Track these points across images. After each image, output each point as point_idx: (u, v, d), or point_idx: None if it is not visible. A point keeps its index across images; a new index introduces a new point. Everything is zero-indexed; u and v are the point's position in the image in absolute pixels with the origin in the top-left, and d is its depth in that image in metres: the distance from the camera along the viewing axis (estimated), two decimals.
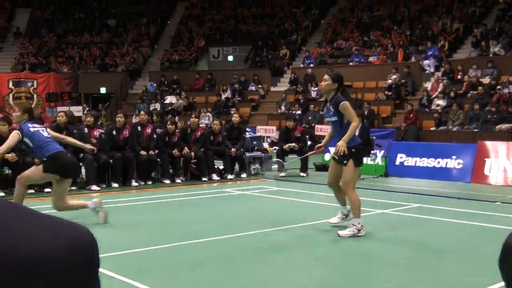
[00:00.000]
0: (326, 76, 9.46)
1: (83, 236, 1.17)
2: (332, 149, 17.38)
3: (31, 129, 9.76)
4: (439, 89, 27.78)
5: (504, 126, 23.64)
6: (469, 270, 7.16)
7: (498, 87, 25.91)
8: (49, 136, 10.02)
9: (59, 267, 1.08)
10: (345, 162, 8.92)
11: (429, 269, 7.27)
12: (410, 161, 17.39)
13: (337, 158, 9.10)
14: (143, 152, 15.37)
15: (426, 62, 30.75)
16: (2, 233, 1.05)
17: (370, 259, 7.81)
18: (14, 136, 9.82)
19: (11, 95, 33.43)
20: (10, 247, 1.04)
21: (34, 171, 10.09)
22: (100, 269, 1.20)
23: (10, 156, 13.25)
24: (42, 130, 10.00)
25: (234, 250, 8.28)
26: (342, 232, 8.96)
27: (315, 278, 6.92)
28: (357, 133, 16.92)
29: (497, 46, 29.17)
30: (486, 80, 27.35)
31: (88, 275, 1.15)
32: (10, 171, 13.94)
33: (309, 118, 28.80)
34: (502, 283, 1.52)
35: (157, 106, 31.97)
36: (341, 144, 8.75)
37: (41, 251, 1.06)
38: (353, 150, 8.91)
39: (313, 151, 11.88)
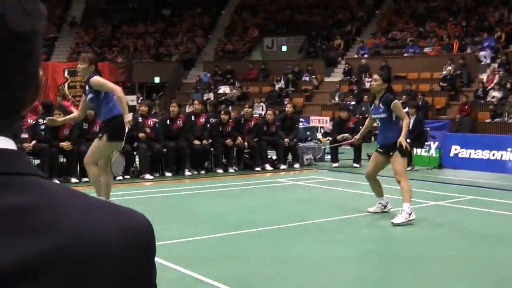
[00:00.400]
0: (376, 76, 10.24)
1: (141, 223, 1.19)
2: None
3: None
4: (495, 81, 27.34)
5: None
6: None
7: None
8: None
9: (121, 251, 1.10)
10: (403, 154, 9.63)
11: (484, 261, 7.22)
12: (465, 153, 17.18)
13: (397, 152, 9.68)
14: (196, 142, 15.48)
15: (482, 53, 30.26)
16: (68, 218, 1.08)
17: (423, 250, 7.78)
18: (83, 100, 9.79)
19: (66, 84, 33.86)
20: (61, 233, 1.06)
21: (95, 146, 9.57)
22: (155, 258, 1.23)
23: (66, 144, 13.47)
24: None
25: (288, 239, 8.31)
26: (395, 220, 9.17)
27: (366, 271, 6.92)
28: (411, 125, 16.84)
29: None
30: None
31: (146, 262, 1.18)
32: (65, 159, 14.15)
33: (363, 108, 28.59)
34: None
35: (211, 96, 32.12)
36: (403, 140, 9.42)
37: (104, 235, 1.09)
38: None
39: (349, 140, 13.56)
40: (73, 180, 13.66)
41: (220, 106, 21.90)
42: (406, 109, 23.03)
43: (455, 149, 17.38)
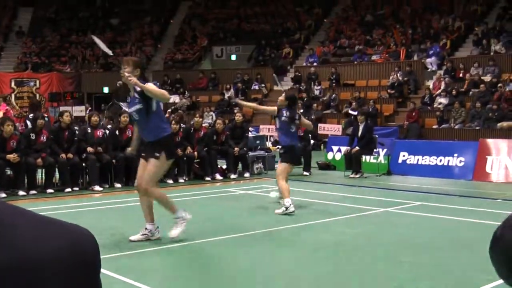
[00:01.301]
0: (281, 97, 11.87)
1: (84, 237, 1.20)
2: (343, 148, 17.65)
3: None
4: (441, 87, 27.81)
5: (505, 123, 23.64)
6: (472, 268, 7.19)
7: (500, 85, 25.93)
8: None
9: (62, 268, 1.11)
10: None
11: (432, 267, 7.31)
12: (413, 159, 17.42)
13: None
14: None
15: (428, 60, 30.71)
16: (11, 236, 1.09)
17: (373, 257, 7.84)
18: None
19: (13, 95, 33.41)
20: (16, 248, 1.07)
21: (156, 166, 8.61)
22: (103, 270, 1.24)
23: (12, 156, 13.27)
24: None
25: (237, 250, 8.32)
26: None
27: (317, 277, 6.95)
28: (359, 132, 17.06)
29: (498, 44, 29.18)
30: (487, 78, 27.36)
31: (90, 276, 1.19)
32: (11, 172, 13.93)
33: (312, 117, 28.78)
34: None
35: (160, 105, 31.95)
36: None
37: (45, 253, 1.09)
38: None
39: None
40: (21, 192, 13.46)
41: (170, 115, 21.83)
42: (356, 113, 23.37)
43: (403, 156, 17.61)
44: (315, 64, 34.29)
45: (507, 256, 1.42)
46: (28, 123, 15.12)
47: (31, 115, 15.37)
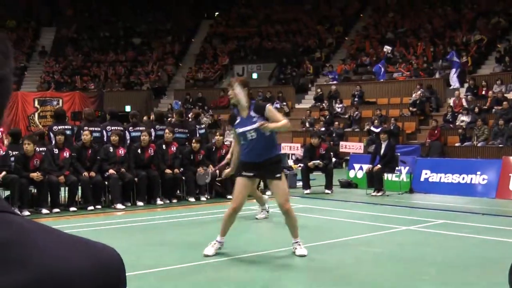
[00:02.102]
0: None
1: (110, 256, 1.21)
2: (365, 166, 17.53)
3: None
4: (463, 105, 27.72)
5: None
6: (493, 286, 7.13)
7: None
8: None
9: (91, 286, 1.13)
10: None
11: (453, 285, 7.26)
12: (435, 177, 17.32)
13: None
14: (168, 171, 15.45)
15: (453, 76, 30.58)
16: (38, 255, 1.10)
17: (394, 275, 7.80)
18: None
19: (36, 114, 33.66)
20: (40, 268, 1.08)
21: (283, 184, 8.77)
22: None
23: (36, 175, 13.36)
24: None
25: (260, 270, 8.30)
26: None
27: None
28: (382, 150, 17.02)
29: None
30: (510, 96, 27.22)
31: None
32: (35, 190, 14.04)
33: (334, 135, 28.77)
34: None
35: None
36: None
37: (71, 271, 1.10)
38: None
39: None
40: (44, 211, 13.54)
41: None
42: (379, 129, 23.30)
43: (426, 174, 17.52)
44: (334, 81, 34.27)
45: None
46: (51, 135, 15.12)
47: (55, 126, 15.37)
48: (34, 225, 1.16)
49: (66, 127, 15.58)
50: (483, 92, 28.55)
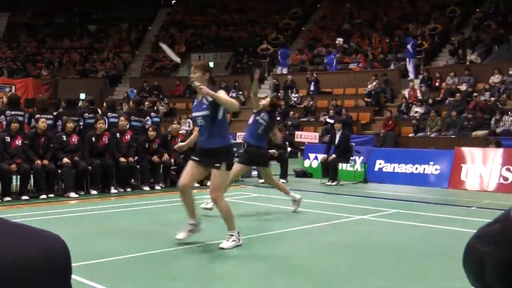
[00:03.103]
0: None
1: (55, 243, 1.19)
2: (320, 156, 17.60)
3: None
4: (417, 96, 28.05)
5: (480, 132, 23.85)
6: (446, 275, 7.21)
7: (475, 94, 26.22)
8: None
9: (34, 274, 1.10)
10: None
11: (408, 274, 7.34)
12: (389, 167, 17.50)
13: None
14: (122, 159, 15.34)
15: (410, 67, 30.98)
16: None
17: (348, 265, 7.85)
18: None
19: None
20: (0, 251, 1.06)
21: (220, 176, 8.58)
22: (77, 277, 1.24)
23: None
24: None
25: (215, 258, 8.29)
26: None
27: (289, 286, 6.95)
28: (336, 140, 17.12)
29: (474, 54, 29.47)
30: (463, 88, 27.61)
31: (61, 281, 1.18)
32: None
33: (289, 124, 28.85)
34: None
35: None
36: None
37: (17, 259, 1.09)
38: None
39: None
40: None
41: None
42: (332, 121, 23.43)
43: (380, 164, 17.68)
44: (292, 71, 34.42)
45: (476, 266, 1.43)
46: (2, 119, 14.89)
47: (8, 111, 15.14)
48: None
49: (19, 113, 15.37)
50: (437, 84, 28.90)
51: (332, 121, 24.81)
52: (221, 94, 8.37)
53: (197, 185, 16.36)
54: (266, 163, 12.38)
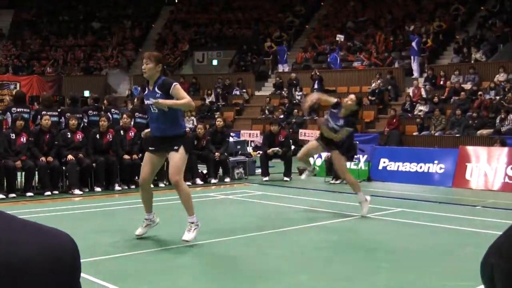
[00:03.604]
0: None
1: (64, 241, 1.19)
2: (324, 154, 17.56)
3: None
4: (422, 95, 28.02)
5: (485, 131, 23.82)
6: (450, 274, 7.21)
7: (480, 93, 26.16)
8: None
9: (43, 271, 1.10)
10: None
11: (412, 273, 7.32)
12: (393, 166, 17.47)
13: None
14: (126, 156, 15.35)
15: (414, 65, 30.95)
16: None
17: (352, 263, 7.85)
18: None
19: None
20: (7, 249, 1.06)
21: (179, 158, 8.57)
22: (83, 274, 1.22)
23: None
24: None
25: (218, 255, 8.29)
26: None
27: (297, 285, 6.94)
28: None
29: (479, 53, 29.42)
30: (467, 86, 27.57)
31: (70, 279, 1.18)
32: None
33: (293, 122, 28.83)
34: (483, 287, 1.59)
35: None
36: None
37: (27, 257, 1.08)
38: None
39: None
40: (0, 196, 13.36)
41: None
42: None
43: (384, 162, 17.66)
44: (296, 69, 34.41)
45: (487, 277, 1.48)
46: (8, 116, 14.94)
47: (14, 108, 15.22)
48: None
49: (24, 110, 15.44)
50: (441, 82, 28.87)
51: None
52: (179, 100, 8.36)
53: (200, 182, 16.41)
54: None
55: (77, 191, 14.30)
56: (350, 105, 11.36)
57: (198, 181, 16.51)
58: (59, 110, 16.66)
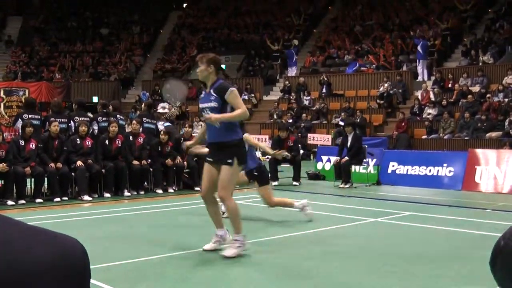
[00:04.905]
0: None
1: (73, 247, 1.19)
2: (333, 158, 17.50)
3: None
4: (430, 98, 27.97)
5: (494, 134, 23.75)
6: (460, 278, 7.19)
7: (488, 95, 26.08)
8: None
9: (53, 277, 1.10)
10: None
11: (421, 277, 7.30)
12: (402, 169, 17.44)
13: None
14: (135, 162, 15.37)
15: (419, 68, 30.93)
16: (7, 243, 1.08)
17: (362, 268, 7.83)
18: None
19: (2, 104, 33.20)
20: (5, 260, 1.06)
21: (229, 173, 8.21)
22: (93, 281, 1.23)
23: (1, 166, 13.20)
24: None
25: (227, 260, 8.28)
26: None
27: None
28: (348, 142, 17.08)
29: (487, 55, 29.35)
30: (476, 89, 27.51)
31: (80, 285, 1.18)
32: (1, 181, 13.90)
33: (301, 127, 28.83)
34: None
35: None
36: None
37: (35, 263, 1.08)
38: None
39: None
40: (9, 202, 13.40)
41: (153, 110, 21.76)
42: (342, 123, 23.37)
43: (393, 166, 17.64)
44: (304, 74, 34.42)
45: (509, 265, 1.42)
46: (19, 123, 15.00)
47: (25, 115, 15.29)
48: None
49: (35, 116, 15.50)
50: (450, 85, 28.81)
51: (342, 124, 24.80)
52: (232, 113, 8.09)
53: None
54: None
55: (86, 197, 14.33)
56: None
57: None
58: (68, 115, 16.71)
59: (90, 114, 17.28)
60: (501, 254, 1.44)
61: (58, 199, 14.06)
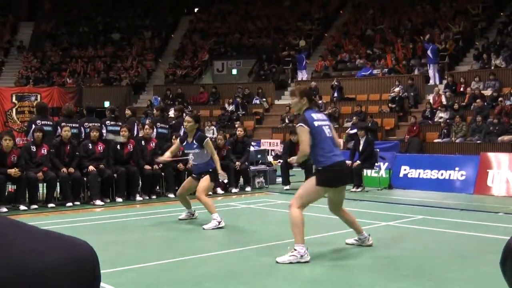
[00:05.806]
0: (188, 118, 11.98)
1: (84, 250, 1.20)
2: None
3: (315, 122, 8.48)
4: (442, 102, 27.89)
5: (506, 137, 23.66)
6: (473, 282, 7.18)
7: (500, 99, 25.99)
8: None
9: (62, 282, 1.11)
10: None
11: (434, 281, 7.28)
12: (414, 173, 17.41)
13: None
14: (147, 167, 15.40)
15: (430, 72, 30.88)
16: (9, 250, 1.09)
17: (375, 271, 7.82)
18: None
19: (14, 109, 33.34)
20: (13, 263, 1.07)
21: (309, 187, 8.90)
22: (103, 284, 1.24)
23: (13, 171, 13.25)
24: (326, 126, 8.64)
25: (240, 265, 8.29)
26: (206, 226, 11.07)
27: None
28: (360, 146, 17.05)
29: (499, 59, 29.26)
30: (488, 92, 27.42)
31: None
32: (13, 186, 13.96)
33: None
34: None
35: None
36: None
37: (44, 265, 1.09)
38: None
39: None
40: (22, 207, 13.47)
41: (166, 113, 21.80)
42: (355, 130, 23.30)
43: (405, 170, 17.60)
44: (315, 78, 34.39)
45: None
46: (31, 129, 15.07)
47: (38, 121, 15.35)
48: (3, 219, 1.15)
49: (47, 122, 15.55)
50: (461, 89, 28.74)
51: (354, 131, 24.76)
52: (299, 155, 8.80)
53: (221, 192, 16.39)
54: None
55: (98, 202, 14.37)
56: (189, 126, 11.66)
57: (219, 190, 16.53)
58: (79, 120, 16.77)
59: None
60: (511, 255, 1.45)
61: (70, 204, 14.10)
